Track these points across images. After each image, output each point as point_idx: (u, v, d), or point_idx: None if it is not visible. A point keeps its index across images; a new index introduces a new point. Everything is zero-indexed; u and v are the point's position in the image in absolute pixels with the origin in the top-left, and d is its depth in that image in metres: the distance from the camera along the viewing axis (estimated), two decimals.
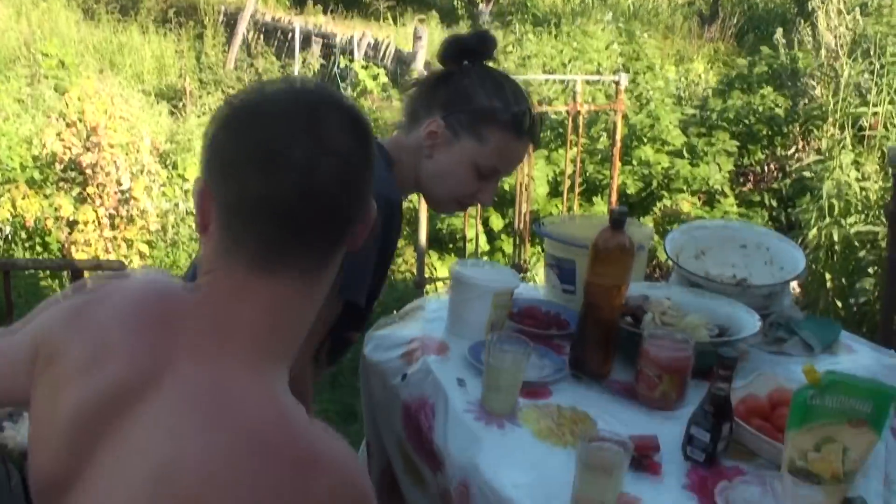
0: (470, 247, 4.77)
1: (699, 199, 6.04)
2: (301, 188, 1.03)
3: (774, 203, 6.08)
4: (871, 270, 4.03)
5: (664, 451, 1.66)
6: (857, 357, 2.10)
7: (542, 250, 2.37)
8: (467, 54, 1.84)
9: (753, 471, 1.61)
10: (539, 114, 1.88)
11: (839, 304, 4.07)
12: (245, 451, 0.97)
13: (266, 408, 1.00)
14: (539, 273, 4.48)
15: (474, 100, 1.79)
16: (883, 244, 3.90)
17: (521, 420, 1.72)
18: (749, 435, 1.66)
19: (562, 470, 1.51)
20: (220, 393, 1.00)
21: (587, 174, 5.71)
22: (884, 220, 3.76)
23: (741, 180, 6.52)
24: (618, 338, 1.90)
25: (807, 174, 5.01)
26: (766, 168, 6.49)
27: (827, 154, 4.61)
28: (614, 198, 4.67)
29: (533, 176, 5.04)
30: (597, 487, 1.45)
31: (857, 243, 4.19)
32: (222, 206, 1.05)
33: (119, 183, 5.54)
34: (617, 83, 4.62)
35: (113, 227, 5.52)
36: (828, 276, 4.26)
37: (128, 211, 5.57)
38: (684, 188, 5.74)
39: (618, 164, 4.63)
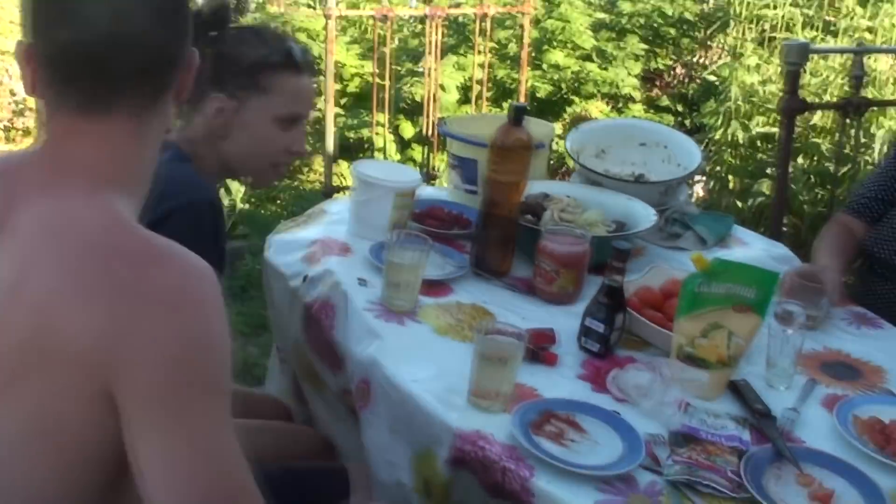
0: (379, 156, 4.72)
1: (608, 104, 6.08)
2: (112, 35, 1.05)
3: (681, 108, 6.15)
4: (769, 171, 4.13)
5: (561, 343, 1.70)
6: (748, 249, 2.17)
7: None
8: (209, 27, 1.76)
9: (645, 359, 1.66)
10: (304, 45, 1.83)
11: (740, 204, 4.17)
12: (87, 257, 1.01)
13: (104, 217, 1.05)
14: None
15: (241, 59, 1.72)
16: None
17: (422, 317, 1.74)
18: (642, 325, 1.71)
19: (461, 363, 1.53)
20: (58, 216, 1.05)
21: (497, 79, 5.68)
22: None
23: (649, 85, 6.58)
24: (517, 235, 1.92)
25: (711, 78, 5.07)
26: (673, 72, 6.55)
27: (732, 57, 4.66)
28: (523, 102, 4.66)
29: (442, 83, 4.98)
30: (493, 378, 1.48)
31: (759, 144, 4.29)
32: (42, 61, 1.08)
33: (13, 93, 5.30)
34: None
35: (8, 139, 5.30)
36: (731, 178, 4.35)
37: (24, 123, 5.35)
38: (595, 92, 5.76)
39: (526, 67, 4.61)
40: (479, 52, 4.74)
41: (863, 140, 3.89)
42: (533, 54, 5.60)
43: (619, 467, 1.36)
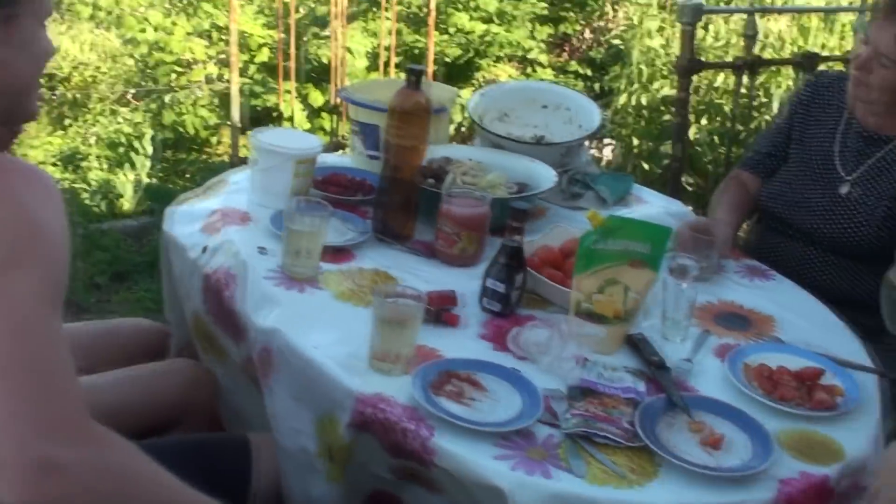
0: (288, 125, 4.66)
1: (516, 67, 6.11)
2: None
3: (590, 72, 6.22)
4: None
5: (465, 304, 1.71)
6: (647, 207, 2.21)
7: None
8: None
9: (546, 317, 1.68)
10: None
11: (647, 167, 4.25)
12: None
13: None
14: None
15: None
16: None
17: (323, 283, 1.73)
18: (541, 283, 1.74)
19: (362, 328, 1.53)
20: None
21: (406, 44, 5.65)
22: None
23: (558, 50, 6.63)
24: (419, 199, 1.92)
25: (616, 42, 5.12)
26: (581, 37, 6.61)
27: (635, 20, 4.72)
28: (431, 68, 4.64)
29: (349, 48, 4.93)
30: (393, 340, 1.49)
31: (662, 107, 4.36)
32: None
33: None
34: None
35: None
36: (636, 140, 4.42)
37: None
38: (501, 54, 5.79)
39: (433, 31, 4.59)
40: (387, 18, 4.70)
41: (763, 100, 3.99)
42: (439, 17, 5.58)
43: (518, 423, 1.39)
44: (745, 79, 2.85)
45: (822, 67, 2.93)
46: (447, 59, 5.72)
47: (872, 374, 1.59)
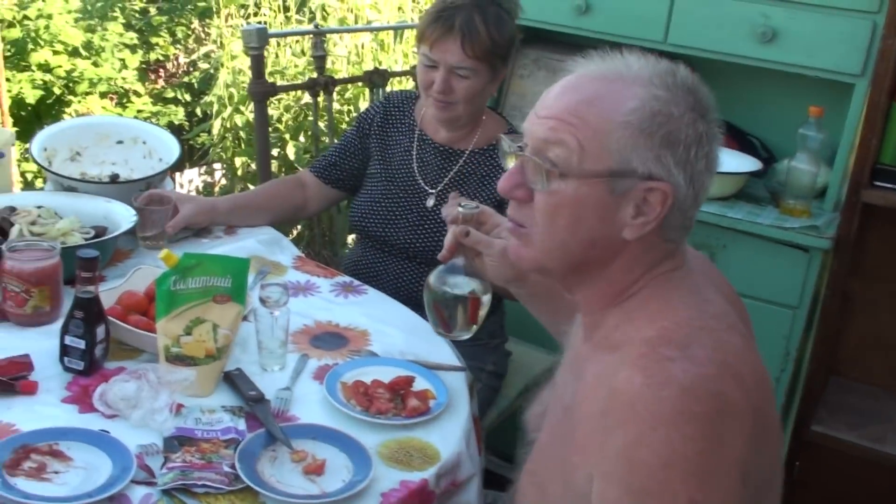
0: None
1: (111, 100, 5.81)
2: None
3: (188, 97, 6.07)
4: (274, 153, 4.22)
5: (43, 368, 1.56)
6: (238, 238, 2.16)
7: None
8: None
9: (138, 367, 1.58)
10: None
11: (252, 188, 4.23)
12: None
13: None
14: None
15: None
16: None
17: None
18: (127, 332, 1.63)
19: None
20: None
21: None
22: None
23: (153, 77, 6.41)
24: None
25: (204, 66, 5.03)
26: (176, 62, 6.44)
27: (219, 43, 4.67)
28: (6, 107, 4.26)
29: None
30: None
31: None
32: None
33: None
34: None
35: None
36: (239, 163, 4.39)
37: None
38: (92, 90, 5.46)
39: (3, 71, 4.20)
40: None
41: (354, 115, 4.13)
42: (16, 55, 5.16)
43: (108, 490, 1.28)
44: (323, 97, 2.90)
45: (393, 81, 3.05)
46: (28, 101, 5.29)
47: (456, 371, 1.68)
